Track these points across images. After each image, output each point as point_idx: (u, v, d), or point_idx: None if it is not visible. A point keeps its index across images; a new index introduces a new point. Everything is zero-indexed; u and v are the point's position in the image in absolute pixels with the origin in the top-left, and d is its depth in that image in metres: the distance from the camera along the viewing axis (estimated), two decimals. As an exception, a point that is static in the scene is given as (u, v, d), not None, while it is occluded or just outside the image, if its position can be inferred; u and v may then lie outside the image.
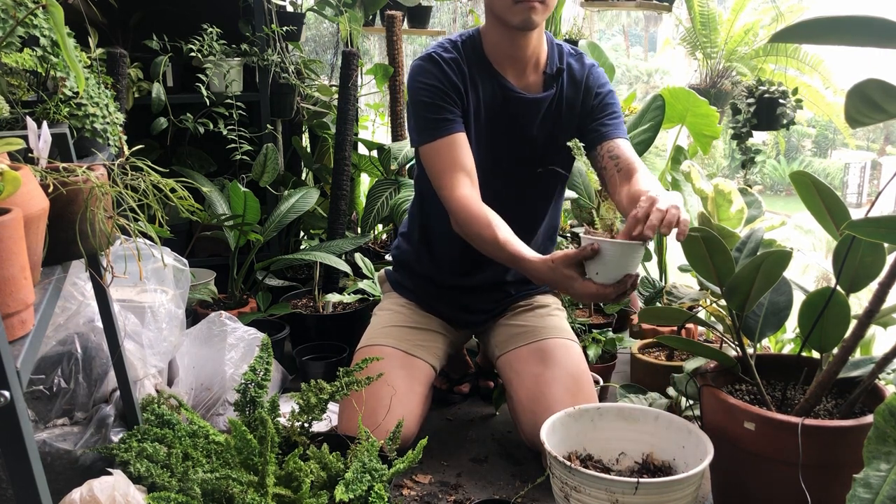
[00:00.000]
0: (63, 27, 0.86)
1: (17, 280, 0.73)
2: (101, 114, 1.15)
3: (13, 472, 0.73)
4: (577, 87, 1.60)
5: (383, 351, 1.55)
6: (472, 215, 1.46)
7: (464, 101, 1.55)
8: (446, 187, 1.49)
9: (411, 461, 1.18)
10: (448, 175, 1.49)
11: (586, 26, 3.43)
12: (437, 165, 1.51)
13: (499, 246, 1.42)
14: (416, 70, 1.57)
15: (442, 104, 1.52)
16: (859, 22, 0.71)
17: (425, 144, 1.53)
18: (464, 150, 1.51)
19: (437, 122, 1.52)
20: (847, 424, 1.12)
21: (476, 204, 1.47)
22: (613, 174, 1.52)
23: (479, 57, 1.57)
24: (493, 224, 1.43)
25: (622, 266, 1.29)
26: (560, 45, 1.63)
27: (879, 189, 1.76)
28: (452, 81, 1.53)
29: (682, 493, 1.11)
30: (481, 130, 1.58)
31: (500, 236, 1.42)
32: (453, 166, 1.49)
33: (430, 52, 1.57)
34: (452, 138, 1.51)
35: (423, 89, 1.53)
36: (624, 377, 1.98)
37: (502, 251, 1.42)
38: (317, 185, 2.70)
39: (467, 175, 1.49)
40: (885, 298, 1.09)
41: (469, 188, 1.48)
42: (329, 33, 5.31)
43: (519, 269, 1.43)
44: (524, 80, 1.59)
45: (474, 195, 1.48)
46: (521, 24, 1.47)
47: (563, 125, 1.60)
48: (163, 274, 1.55)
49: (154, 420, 1.29)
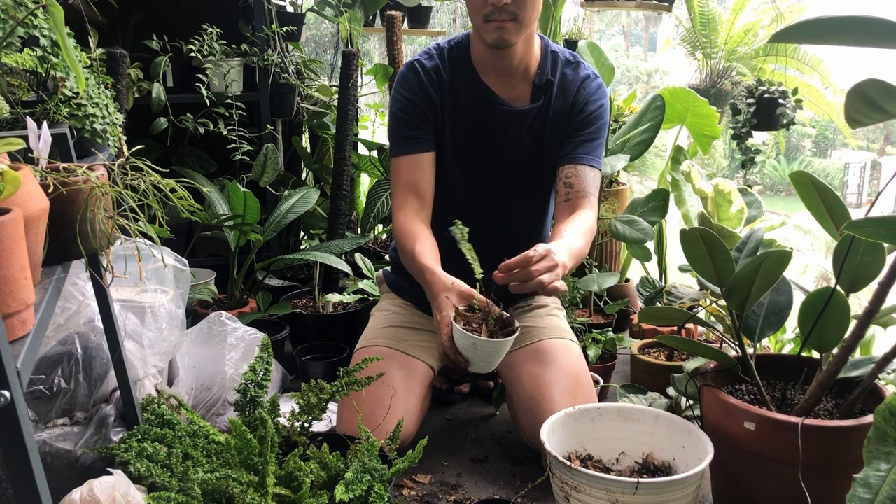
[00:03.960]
0: (63, 27, 0.86)
1: (18, 280, 0.73)
2: (101, 114, 1.15)
3: (13, 472, 0.73)
4: (566, 99, 1.57)
5: (381, 352, 1.54)
6: (403, 231, 1.51)
7: (438, 114, 1.56)
8: (395, 205, 1.56)
9: (411, 461, 1.18)
10: (400, 194, 1.55)
11: (586, 26, 3.43)
12: (395, 180, 1.57)
13: (413, 257, 1.45)
14: (398, 79, 1.60)
15: (414, 120, 1.55)
16: (859, 22, 0.71)
17: (393, 157, 1.58)
18: (423, 171, 1.55)
19: (406, 139, 1.55)
20: (847, 424, 1.12)
21: (411, 222, 1.51)
22: (561, 202, 1.55)
23: (464, 65, 1.56)
24: (416, 238, 1.47)
25: (481, 360, 1.31)
26: (557, 51, 1.60)
27: (879, 189, 1.76)
28: (428, 94, 1.55)
29: (682, 493, 1.11)
30: (463, 138, 1.57)
31: (417, 248, 1.45)
32: (407, 186, 1.54)
33: (413, 60, 1.59)
34: (415, 158, 1.54)
35: (399, 101, 1.57)
36: (624, 377, 1.98)
37: (414, 262, 1.45)
38: (317, 185, 2.70)
39: (417, 196, 1.53)
40: (884, 298, 1.09)
41: (412, 209, 1.53)
42: (329, 33, 5.31)
43: (426, 285, 1.42)
44: (511, 91, 1.56)
45: (414, 216, 1.52)
46: (494, 42, 1.45)
47: (549, 135, 1.58)
48: (163, 274, 1.55)
49: (154, 420, 1.28)
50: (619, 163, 2.06)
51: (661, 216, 2.07)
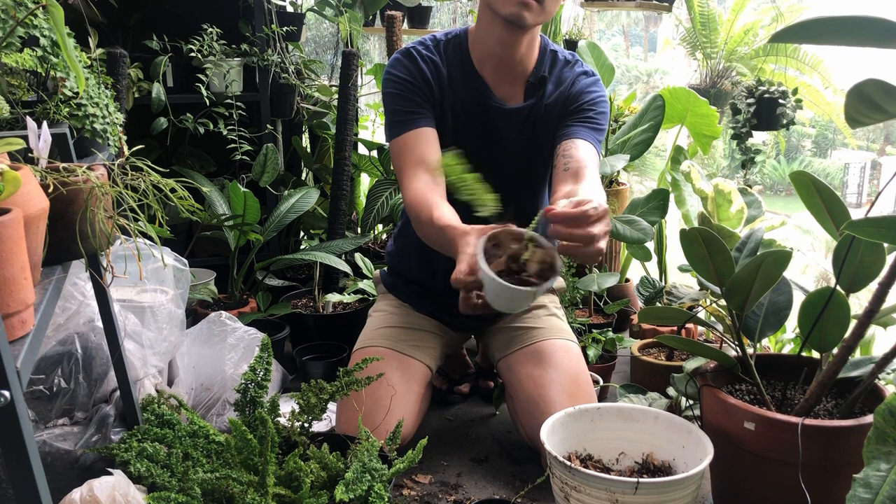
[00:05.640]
0: (63, 27, 0.86)
1: (18, 280, 0.73)
2: (101, 114, 1.15)
3: (13, 472, 0.73)
4: (560, 95, 1.53)
5: (379, 352, 1.54)
6: (418, 201, 1.37)
7: (437, 99, 1.49)
8: (404, 182, 1.42)
9: (411, 461, 1.18)
10: (408, 169, 1.43)
11: (586, 26, 3.43)
12: (401, 160, 1.45)
13: (431, 222, 1.31)
14: (391, 63, 1.51)
15: (412, 97, 1.46)
16: (859, 22, 0.71)
17: (393, 139, 1.47)
18: (430, 144, 1.44)
19: (406, 115, 1.46)
20: (847, 424, 1.12)
21: (425, 192, 1.37)
22: (560, 172, 1.41)
23: (461, 57, 1.52)
24: (432, 205, 1.33)
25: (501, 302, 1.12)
26: (555, 51, 1.56)
27: (879, 189, 1.76)
28: (426, 77, 1.48)
29: (682, 493, 1.11)
30: (458, 134, 1.53)
31: (434, 213, 1.31)
32: (416, 161, 1.42)
33: (409, 48, 1.51)
34: (419, 132, 1.44)
35: (394, 81, 1.48)
36: (624, 377, 1.98)
37: (432, 226, 1.30)
38: (317, 185, 2.70)
39: (427, 170, 1.41)
40: (884, 298, 1.09)
41: (425, 182, 1.39)
42: (329, 33, 5.31)
43: (449, 242, 1.23)
44: (505, 88, 1.52)
45: (428, 188, 1.38)
46: (510, 16, 1.37)
47: (542, 132, 1.54)
48: (163, 274, 1.55)
49: (154, 420, 1.29)
50: (619, 163, 2.06)
51: (661, 216, 2.07)
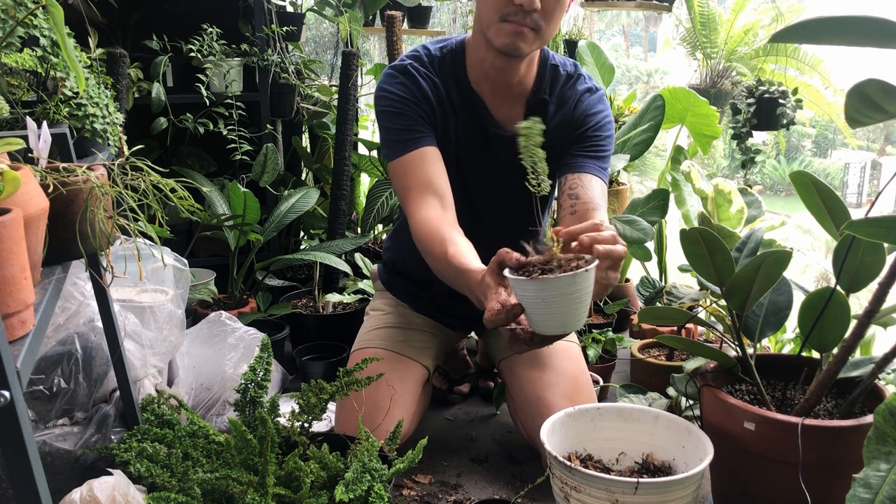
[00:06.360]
0: (63, 27, 0.86)
1: (17, 280, 0.73)
2: (101, 114, 1.15)
3: (13, 472, 0.73)
4: (563, 117, 1.46)
5: (376, 354, 1.54)
6: (428, 233, 1.30)
7: (438, 119, 1.42)
8: (410, 208, 1.35)
9: (411, 461, 1.18)
10: (413, 194, 1.35)
11: (586, 26, 3.43)
12: (404, 183, 1.37)
13: (447, 261, 1.23)
14: (384, 79, 1.42)
15: (412, 115, 1.39)
16: (859, 22, 0.71)
17: (392, 161, 1.40)
18: (434, 166, 1.37)
19: (406, 135, 1.38)
20: (847, 424, 1.12)
21: (436, 223, 1.30)
22: (566, 215, 1.36)
23: (458, 75, 1.44)
24: (446, 240, 1.26)
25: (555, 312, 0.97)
26: (557, 65, 1.48)
27: (879, 189, 1.76)
28: (427, 96, 1.40)
29: (682, 493, 1.11)
30: (461, 157, 1.48)
31: (449, 250, 1.23)
32: (420, 186, 1.35)
33: (404, 63, 1.43)
34: (422, 153, 1.37)
35: (391, 99, 1.40)
36: (624, 377, 1.98)
37: (448, 266, 1.23)
38: (317, 185, 2.70)
39: (434, 194, 1.34)
40: (885, 298, 1.09)
41: (434, 209, 1.33)
42: (329, 33, 5.31)
43: (467, 286, 1.18)
44: (504, 110, 1.45)
45: (437, 216, 1.32)
46: (503, 47, 1.31)
47: (546, 155, 1.50)
48: (163, 274, 1.55)
49: (154, 420, 1.29)
50: (619, 163, 2.06)
51: (661, 216, 2.07)
